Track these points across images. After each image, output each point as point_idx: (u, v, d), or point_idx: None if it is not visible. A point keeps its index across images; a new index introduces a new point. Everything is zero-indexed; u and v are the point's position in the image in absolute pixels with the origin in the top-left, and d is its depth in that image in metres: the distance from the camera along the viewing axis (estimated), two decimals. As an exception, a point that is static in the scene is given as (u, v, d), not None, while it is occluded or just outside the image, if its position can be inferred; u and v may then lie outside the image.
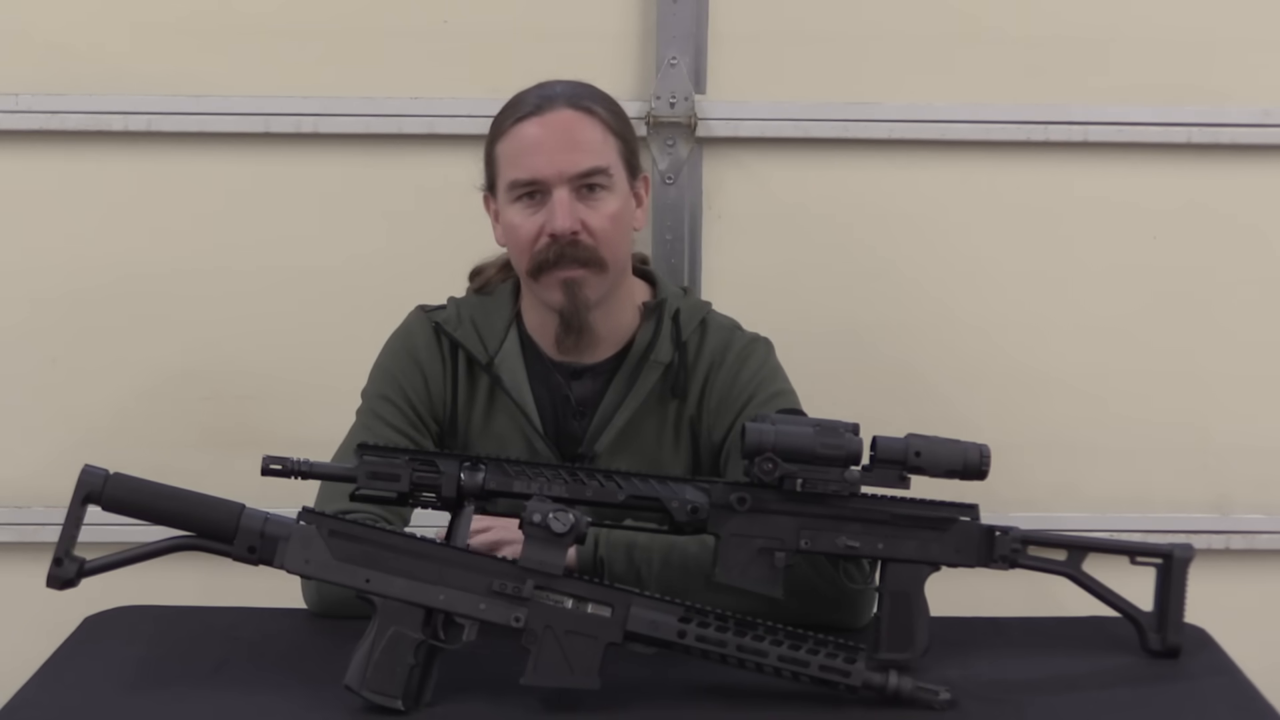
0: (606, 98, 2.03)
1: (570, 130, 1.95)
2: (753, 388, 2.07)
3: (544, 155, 1.94)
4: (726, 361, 2.08)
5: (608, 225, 1.96)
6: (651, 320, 2.07)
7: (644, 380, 2.05)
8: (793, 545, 1.82)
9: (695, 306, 2.12)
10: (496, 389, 2.06)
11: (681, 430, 2.07)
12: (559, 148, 1.94)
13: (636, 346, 2.06)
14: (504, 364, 2.06)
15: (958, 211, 2.65)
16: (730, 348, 2.09)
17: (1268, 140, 2.62)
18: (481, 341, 2.06)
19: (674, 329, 2.07)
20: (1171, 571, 1.89)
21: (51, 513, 2.44)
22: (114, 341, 2.65)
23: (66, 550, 1.69)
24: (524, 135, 1.96)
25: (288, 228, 2.63)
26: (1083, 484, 2.72)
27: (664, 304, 2.08)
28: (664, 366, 2.05)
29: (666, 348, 2.06)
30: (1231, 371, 2.69)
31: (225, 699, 1.71)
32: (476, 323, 2.08)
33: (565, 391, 2.06)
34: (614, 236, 1.98)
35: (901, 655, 1.80)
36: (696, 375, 2.07)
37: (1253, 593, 2.73)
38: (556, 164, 1.94)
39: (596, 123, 1.97)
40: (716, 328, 2.12)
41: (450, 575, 1.69)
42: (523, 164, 1.96)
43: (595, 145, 1.96)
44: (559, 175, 1.94)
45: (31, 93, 2.57)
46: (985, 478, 1.82)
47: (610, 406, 2.04)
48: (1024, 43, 2.60)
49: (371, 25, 2.58)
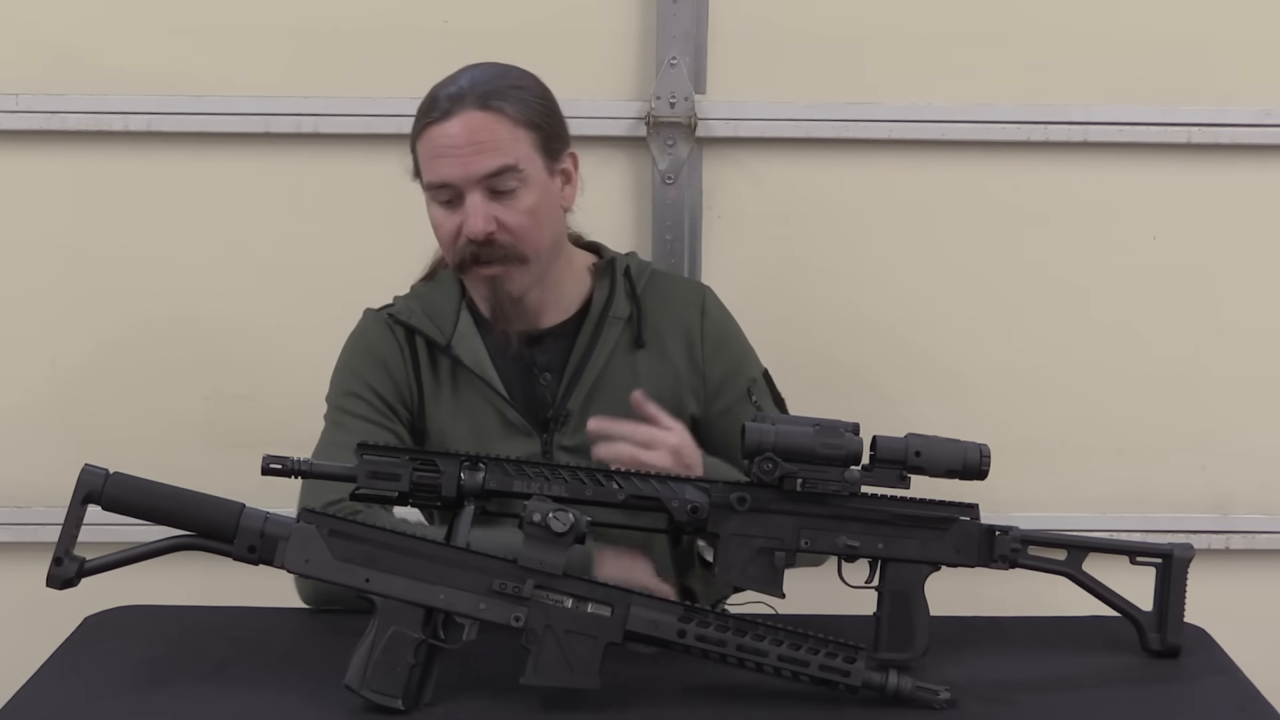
0: (519, 85, 2.01)
1: (477, 134, 1.95)
2: (737, 330, 2.18)
3: (452, 159, 1.95)
4: (707, 307, 2.14)
5: (524, 220, 1.98)
6: (605, 279, 2.11)
7: (606, 336, 2.08)
8: (793, 545, 1.82)
9: (642, 264, 2.17)
10: (458, 368, 2.07)
11: (663, 377, 2.09)
12: (467, 151, 1.95)
13: (595, 305, 2.10)
14: (461, 343, 2.08)
15: (957, 211, 2.65)
16: (704, 293, 2.17)
17: (1268, 140, 2.62)
18: (436, 325, 2.08)
19: (627, 284, 2.11)
20: (1171, 571, 1.89)
21: (51, 513, 2.44)
22: (114, 341, 2.65)
23: (66, 550, 1.69)
24: (434, 139, 1.97)
25: (288, 227, 2.63)
26: (1083, 484, 2.72)
27: (614, 262, 2.13)
28: (623, 321, 2.09)
29: (624, 303, 2.10)
30: (1231, 372, 2.70)
31: (225, 699, 1.71)
32: (427, 309, 2.10)
33: (527, 360, 2.08)
34: (532, 230, 1.99)
35: (901, 655, 1.81)
36: (657, 324, 2.11)
37: (1253, 593, 2.73)
38: (464, 168, 1.95)
39: (503, 120, 1.96)
40: (672, 280, 2.20)
41: (450, 575, 1.70)
42: (435, 168, 1.97)
43: (503, 143, 1.96)
44: (468, 179, 1.95)
45: (31, 93, 2.58)
46: (985, 478, 1.82)
47: (576, 366, 2.07)
48: (1024, 43, 2.60)
49: (372, 25, 2.59)
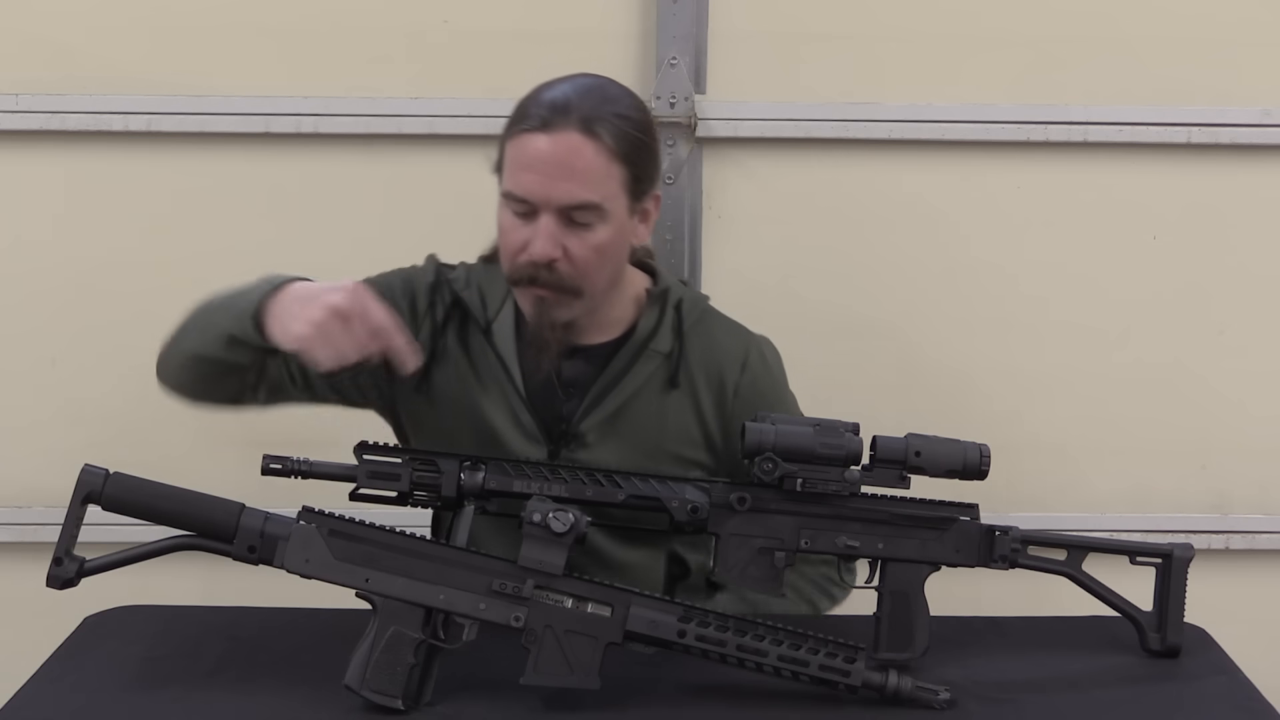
0: (626, 114, 1.92)
1: (569, 158, 1.87)
2: (780, 391, 2.09)
3: (537, 176, 1.87)
4: (750, 361, 2.07)
5: (591, 256, 1.91)
6: (655, 308, 2.05)
7: (641, 367, 2.03)
8: (793, 545, 1.82)
9: (696, 298, 2.11)
10: (488, 351, 2.02)
11: (686, 421, 2.04)
12: (555, 174, 1.87)
13: (639, 333, 2.03)
14: (499, 331, 2.03)
15: (957, 211, 2.65)
16: (751, 348, 2.08)
17: (1268, 140, 2.62)
18: (484, 305, 2.04)
19: (676, 318, 2.05)
20: (1171, 571, 1.89)
21: (51, 513, 2.44)
22: (114, 341, 2.64)
23: (66, 550, 1.69)
24: (526, 149, 1.88)
25: (288, 227, 2.63)
26: (1083, 484, 2.72)
27: (668, 292, 2.06)
28: (662, 356, 2.04)
29: (667, 337, 2.04)
30: (1231, 371, 2.70)
31: (225, 699, 1.71)
32: (482, 287, 2.05)
33: (554, 370, 2.02)
34: (596, 266, 1.92)
35: (901, 655, 1.81)
36: (694, 367, 2.05)
37: (1253, 593, 2.73)
38: (547, 190, 1.87)
39: (600, 150, 1.88)
40: (724, 324, 2.11)
41: (450, 575, 1.69)
42: (519, 179, 1.89)
43: (594, 176, 1.88)
44: (547, 201, 1.88)
45: (31, 93, 2.57)
46: (985, 478, 1.82)
47: (602, 390, 2.02)
48: (1024, 43, 2.60)
49: (371, 25, 2.58)
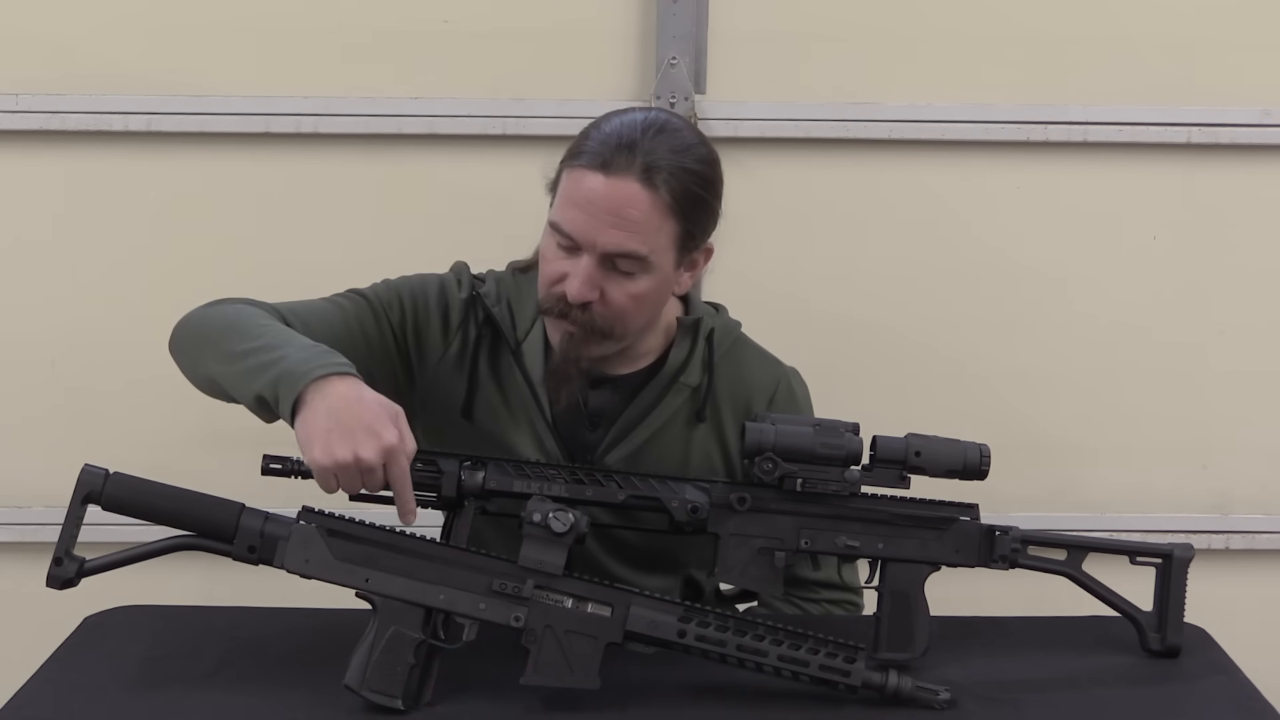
0: (691, 169, 1.85)
1: (622, 207, 1.81)
2: None
3: (588, 218, 1.82)
4: (779, 394, 2.05)
5: (627, 304, 1.87)
6: (686, 339, 2.01)
7: (670, 401, 2.00)
8: (793, 545, 1.82)
9: (728, 327, 2.07)
10: (515, 372, 1.99)
11: (710, 454, 2.02)
12: (605, 219, 1.82)
13: (670, 365, 2.00)
14: (529, 352, 1.99)
15: (957, 211, 2.65)
16: (781, 380, 2.06)
17: (1268, 140, 2.62)
18: (514, 324, 2.00)
19: (706, 350, 2.02)
20: (1171, 571, 1.89)
21: (51, 513, 2.44)
22: (114, 341, 2.64)
23: (66, 550, 1.69)
24: (581, 185, 1.83)
25: (288, 227, 2.63)
26: (1083, 484, 2.72)
27: (699, 323, 2.02)
28: (691, 389, 2.01)
29: (697, 370, 2.00)
30: (1232, 371, 2.70)
31: (225, 699, 1.71)
32: (512, 304, 2.01)
33: (581, 399, 1.99)
34: (631, 313, 1.88)
35: (901, 655, 1.81)
36: (722, 399, 2.02)
37: (1253, 593, 2.73)
38: (594, 234, 1.83)
39: (657, 203, 1.82)
40: (755, 354, 2.08)
41: (450, 575, 1.69)
42: (567, 214, 1.84)
43: (645, 229, 1.83)
44: (592, 246, 1.83)
45: (31, 93, 2.57)
46: (985, 478, 1.82)
47: (630, 422, 1.99)
48: (1024, 43, 2.60)
49: (371, 25, 2.58)
